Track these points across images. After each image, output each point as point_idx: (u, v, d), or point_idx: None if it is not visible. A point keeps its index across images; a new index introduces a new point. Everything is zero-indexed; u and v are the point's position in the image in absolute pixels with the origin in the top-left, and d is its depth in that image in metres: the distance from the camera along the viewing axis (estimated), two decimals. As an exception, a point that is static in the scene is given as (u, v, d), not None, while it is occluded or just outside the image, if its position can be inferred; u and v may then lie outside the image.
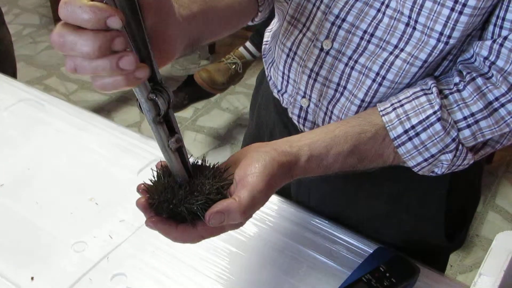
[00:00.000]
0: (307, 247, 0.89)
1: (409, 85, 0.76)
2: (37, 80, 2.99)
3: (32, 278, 0.82)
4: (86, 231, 0.90)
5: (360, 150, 0.72)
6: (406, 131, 0.72)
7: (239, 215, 0.60)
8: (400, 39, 0.74)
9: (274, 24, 0.98)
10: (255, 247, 0.89)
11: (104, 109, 2.79)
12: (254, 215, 0.64)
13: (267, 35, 1.01)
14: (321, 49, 0.80)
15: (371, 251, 0.87)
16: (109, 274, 0.83)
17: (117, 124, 1.15)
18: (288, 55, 0.86)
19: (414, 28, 0.72)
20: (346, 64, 0.79)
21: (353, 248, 0.89)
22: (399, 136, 0.72)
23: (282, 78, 0.90)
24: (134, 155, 1.06)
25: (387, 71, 0.76)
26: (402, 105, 0.73)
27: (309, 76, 0.83)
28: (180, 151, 0.62)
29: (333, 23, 0.78)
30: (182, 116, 2.73)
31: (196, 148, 2.54)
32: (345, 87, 0.81)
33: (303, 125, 0.91)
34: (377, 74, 0.77)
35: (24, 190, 0.98)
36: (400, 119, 0.72)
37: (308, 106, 0.87)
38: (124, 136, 1.11)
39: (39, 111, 1.18)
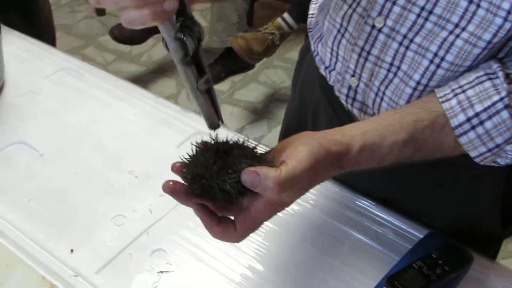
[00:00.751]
0: (351, 228, 0.85)
1: (470, 68, 0.71)
2: (75, 49, 2.99)
3: (71, 251, 0.80)
4: (126, 205, 0.88)
5: (416, 139, 0.67)
6: (469, 119, 0.66)
7: (272, 184, 0.57)
8: (461, 17, 0.68)
9: None
10: (294, 224, 0.86)
11: (141, 80, 2.78)
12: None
13: (313, 8, 0.96)
14: (373, 27, 0.75)
15: (421, 236, 0.83)
16: (149, 249, 0.81)
17: (157, 96, 1.13)
18: (338, 31, 0.81)
19: (478, 6, 0.66)
20: (401, 43, 0.74)
21: (401, 232, 0.85)
22: (461, 125, 0.66)
23: (331, 54, 0.85)
24: (174, 128, 1.04)
25: (447, 51, 0.70)
26: (464, 91, 0.67)
27: (360, 55, 0.79)
28: (210, 93, 0.59)
29: None
30: (219, 89, 2.70)
31: (233, 122, 2.51)
32: (398, 68, 0.76)
33: (351, 105, 0.86)
34: (435, 54, 0.71)
35: (64, 160, 0.97)
36: (462, 106, 0.66)
37: (358, 85, 0.82)
38: (165, 108, 1.08)
39: (79, 81, 1.16)
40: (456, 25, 0.69)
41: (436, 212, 0.88)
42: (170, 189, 0.61)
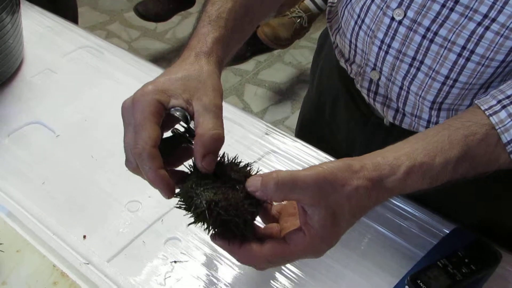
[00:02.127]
0: (373, 220, 0.82)
1: (504, 62, 0.66)
2: (100, 25, 2.98)
3: (84, 237, 0.78)
4: (141, 191, 0.85)
5: (471, 155, 0.60)
6: None
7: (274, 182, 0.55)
8: (491, 7, 0.63)
9: None
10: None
11: (165, 58, 2.76)
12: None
13: None
14: (392, 19, 0.71)
15: (447, 231, 0.79)
16: (163, 237, 0.79)
17: (177, 77, 1.09)
18: (356, 22, 0.77)
19: None
20: (424, 36, 0.69)
21: (426, 227, 0.81)
22: None
23: (350, 47, 0.81)
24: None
25: (476, 44, 0.66)
26: None
27: (380, 48, 0.74)
28: None
29: None
30: (244, 69, 2.67)
31: (256, 103, 2.48)
32: (422, 62, 0.71)
33: (374, 99, 0.82)
34: (464, 48, 0.67)
35: (80, 143, 0.95)
36: None
37: (379, 79, 0.78)
38: (184, 90, 1.05)
39: (98, 60, 1.13)
40: (485, 16, 0.64)
41: (463, 207, 0.84)
42: None
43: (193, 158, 0.61)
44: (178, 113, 0.60)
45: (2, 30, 0.98)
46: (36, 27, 1.21)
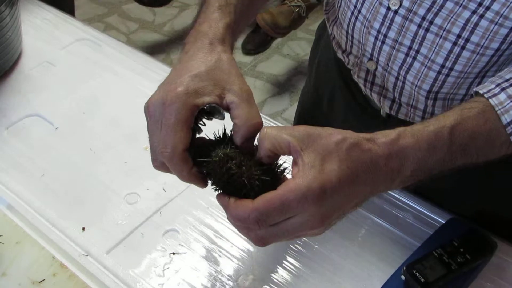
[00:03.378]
0: (370, 211, 0.82)
1: (499, 51, 0.66)
2: (98, 17, 2.97)
3: (83, 229, 0.79)
4: (140, 182, 0.86)
5: (469, 125, 0.59)
6: None
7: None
8: None
9: None
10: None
11: (164, 50, 2.75)
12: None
13: None
14: (388, 8, 0.71)
15: (443, 221, 0.80)
16: (161, 229, 0.80)
17: (175, 70, 1.10)
18: (352, 13, 0.77)
19: None
20: (419, 26, 0.70)
21: (422, 217, 0.81)
22: None
23: (347, 38, 0.81)
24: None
25: (471, 32, 0.66)
26: None
27: (376, 38, 0.75)
28: None
29: None
30: (242, 61, 2.66)
31: (255, 95, 2.45)
32: (418, 51, 0.72)
33: (370, 89, 0.83)
34: (459, 36, 0.67)
35: (78, 135, 0.95)
36: None
37: (376, 69, 0.79)
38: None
39: (96, 52, 1.13)
40: (479, 4, 0.64)
41: (459, 197, 0.85)
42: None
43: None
44: (212, 112, 0.61)
45: (1, 23, 0.98)
46: (34, 20, 1.21)
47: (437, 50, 0.70)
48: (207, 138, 0.63)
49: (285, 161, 0.60)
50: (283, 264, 0.76)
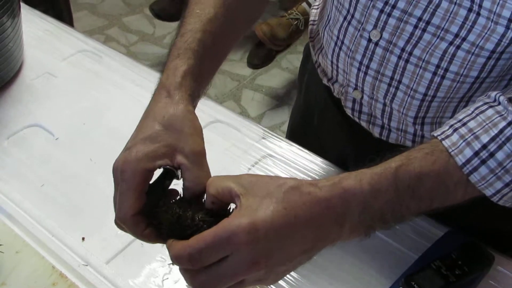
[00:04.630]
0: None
1: (479, 78, 0.67)
2: (98, 29, 2.98)
3: (83, 239, 0.79)
4: (139, 193, 0.86)
5: (415, 167, 0.57)
6: (476, 153, 0.58)
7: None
8: (461, 27, 0.64)
9: (321, 0, 0.89)
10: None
11: (163, 63, 2.76)
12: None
13: (314, 13, 0.91)
14: (369, 40, 0.72)
15: (441, 234, 0.80)
16: (161, 240, 0.80)
17: (175, 81, 1.10)
18: (336, 44, 0.78)
19: (478, 14, 0.62)
20: (399, 57, 0.71)
21: (420, 230, 0.82)
22: (469, 161, 0.58)
23: (332, 67, 0.82)
24: (191, 115, 1.02)
25: (449, 63, 0.67)
26: (464, 124, 0.60)
27: (359, 69, 0.76)
28: None
29: (381, 11, 0.69)
30: (241, 74, 2.68)
31: (254, 108, 2.49)
32: (400, 81, 0.72)
33: (359, 118, 0.83)
34: (437, 66, 0.68)
35: (79, 145, 0.96)
36: (466, 139, 0.58)
37: (362, 98, 0.79)
38: (182, 94, 1.06)
39: (97, 63, 1.14)
40: (456, 35, 0.65)
41: (456, 211, 0.85)
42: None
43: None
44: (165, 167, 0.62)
45: (3, 34, 0.99)
46: (36, 31, 1.22)
47: (418, 80, 0.70)
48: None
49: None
50: (282, 276, 0.76)
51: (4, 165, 0.92)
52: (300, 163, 0.92)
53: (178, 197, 0.61)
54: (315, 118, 1.00)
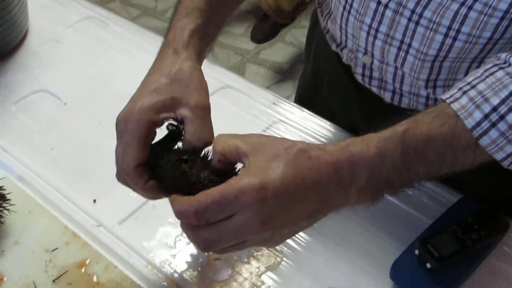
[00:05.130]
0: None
1: (492, 40, 0.65)
2: (100, 2, 2.94)
3: (94, 201, 0.78)
4: (150, 157, 0.85)
5: (418, 130, 0.56)
6: (486, 116, 0.56)
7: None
8: None
9: None
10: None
11: (166, 37, 2.74)
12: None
13: None
14: (379, 2, 0.70)
15: (455, 200, 0.79)
16: (173, 202, 0.79)
17: (183, 48, 1.09)
18: (344, 7, 0.76)
19: None
20: (409, 19, 0.69)
21: (434, 196, 0.81)
22: (478, 124, 0.56)
23: (340, 32, 0.81)
24: (200, 81, 1.00)
25: (461, 24, 0.65)
26: (474, 86, 0.58)
27: (368, 33, 0.74)
28: None
29: None
30: (244, 48, 2.66)
31: (257, 82, 2.46)
32: (410, 45, 0.71)
33: (369, 83, 0.82)
34: (449, 28, 0.66)
35: (87, 110, 0.95)
36: (475, 102, 0.56)
37: (372, 63, 0.78)
38: (191, 61, 1.05)
39: (103, 30, 1.13)
40: None
41: (470, 178, 0.84)
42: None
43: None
44: (170, 127, 0.61)
45: (7, 0, 0.98)
46: (41, -2, 1.20)
47: (428, 42, 0.69)
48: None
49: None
50: (296, 239, 0.75)
51: (13, 129, 0.91)
52: (311, 129, 0.91)
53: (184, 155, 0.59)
54: (324, 86, 0.99)
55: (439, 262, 0.68)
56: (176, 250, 0.73)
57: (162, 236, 0.75)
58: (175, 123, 0.60)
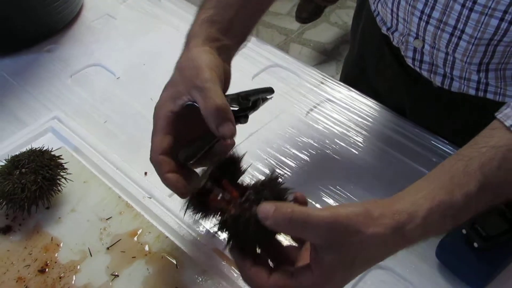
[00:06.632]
0: (421, 165, 0.82)
1: None
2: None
3: (145, 173, 0.81)
4: (200, 132, 0.87)
5: (492, 185, 0.54)
6: None
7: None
8: None
9: None
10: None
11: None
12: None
13: None
14: None
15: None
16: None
17: (233, 26, 1.10)
18: None
19: None
20: (463, 5, 0.68)
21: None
22: None
23: (392, 16, 0.80)
24: (250, 59, 1.02)
25: None
26: None
27: (420, 18, 0.73)
28: None
29: None
30: (289, 28, 2.65)
31: (300, 62, 2.46)
32: (463, 31, 0.70)
33: (420, 67, 0.81)
34: (505, 12, 0.65)
35: (139, 85, 0.97)
36: None
37: (423, 47, 0.77)
38: (241, 39, 1.06)
39: (155, 6, 1.15)
40: None
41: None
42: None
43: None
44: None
45: (64, -26, 1.00)
46: (95, -26, 1.22)
47: (483, 28, 0.68)
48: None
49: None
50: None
51: (68, 101, 0.94)
52: (358, 108, 0.91)
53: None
54: (370, 68, 0.99)
55: (486, 242, 0.67)
56: (224, 224, 0.75)
57: (211, 210, 0.76)
58: (191, 102, 0.63)
